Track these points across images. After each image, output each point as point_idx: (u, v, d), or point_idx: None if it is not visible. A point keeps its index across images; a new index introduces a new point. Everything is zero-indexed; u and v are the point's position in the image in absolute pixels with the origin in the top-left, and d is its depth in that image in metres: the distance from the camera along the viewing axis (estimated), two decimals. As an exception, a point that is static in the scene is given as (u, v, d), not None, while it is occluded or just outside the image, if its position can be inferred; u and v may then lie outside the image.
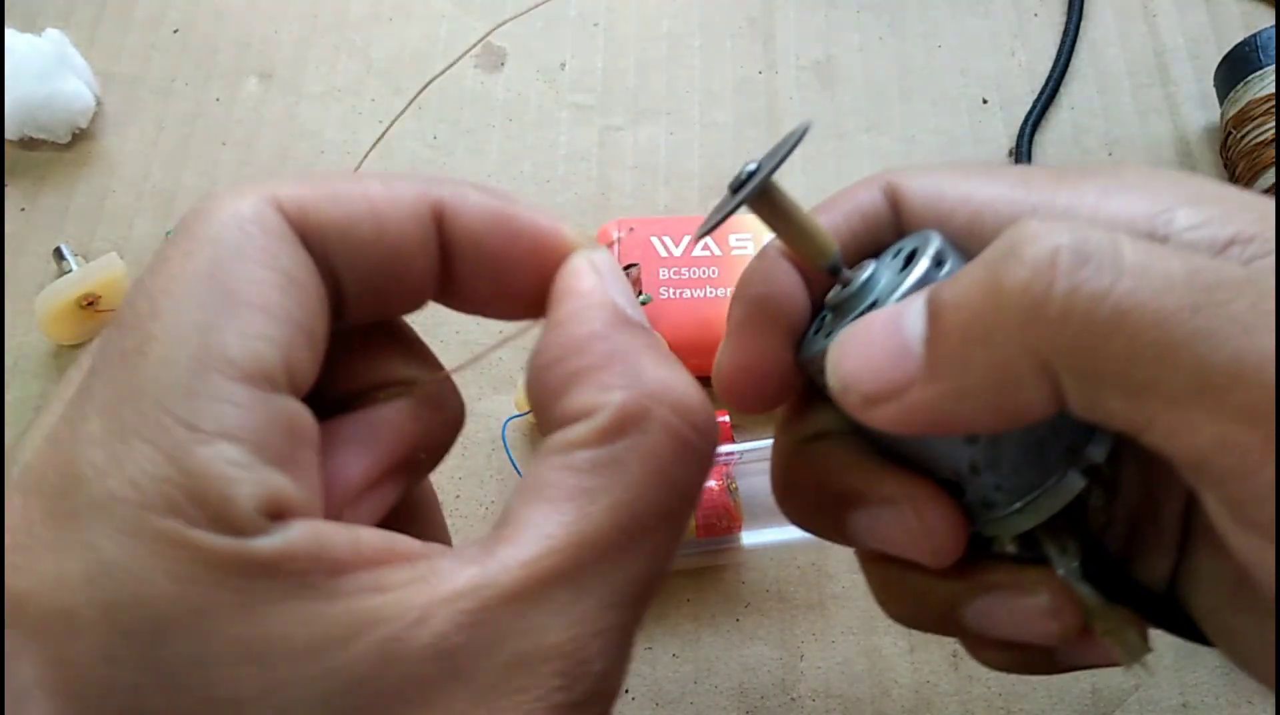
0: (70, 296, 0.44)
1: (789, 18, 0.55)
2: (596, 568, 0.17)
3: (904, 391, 0.18)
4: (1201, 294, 0.15)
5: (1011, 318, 0.16)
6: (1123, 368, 0.16)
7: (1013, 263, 0.17)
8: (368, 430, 0.20)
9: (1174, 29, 0.54)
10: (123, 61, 0.54)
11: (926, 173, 0.23)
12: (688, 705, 0.39)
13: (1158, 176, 0.21)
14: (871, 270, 0.22)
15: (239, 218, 0.18)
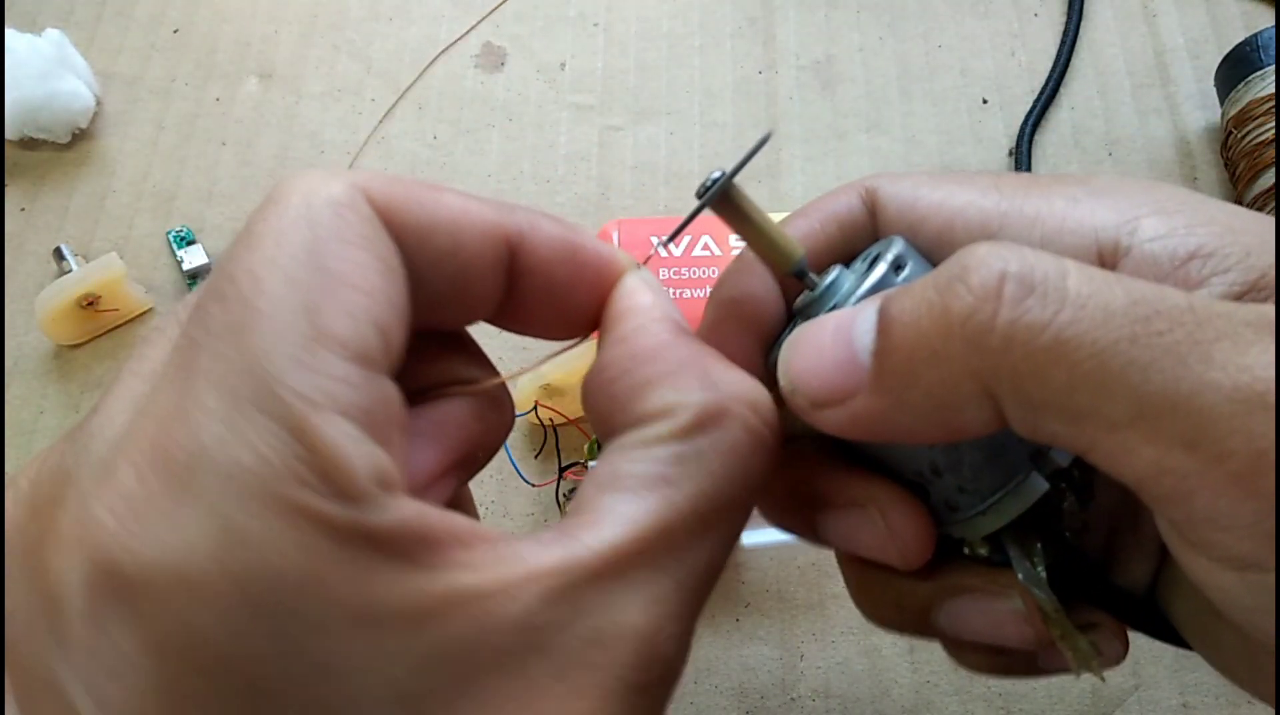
0: (70, 296, 0.44)
1: (789, 18, 0.55)
2: (676, 553, 0.18)
3: (849, 399, 0.19)
4: (1140, 325, 0.16)
5: (956, 343, 0.17)
6: (1062, 396, 0.16)
7: (960, 288, 0.17)
8: (438, 426, 0.21)
9: (1174, 29, 0.54)
10: (123, 61, 0.54)
11: (903, 179, 0.23)
12: (688, 705, 0.39)
13: (1127, 185, 0.21)
14: (836, 274, 0.22)
15: (333, 201, 0.18)
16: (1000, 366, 0.17)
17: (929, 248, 0.22)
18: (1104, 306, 0.16)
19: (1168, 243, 0.19)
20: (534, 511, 0.42)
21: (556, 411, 0.42)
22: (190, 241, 0.48)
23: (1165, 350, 0.16)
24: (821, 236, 0.23)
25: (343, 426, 0.16)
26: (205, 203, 0.50)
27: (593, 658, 0.17)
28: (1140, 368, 0.16)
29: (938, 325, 0.17)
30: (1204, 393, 0.15)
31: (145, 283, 0.47)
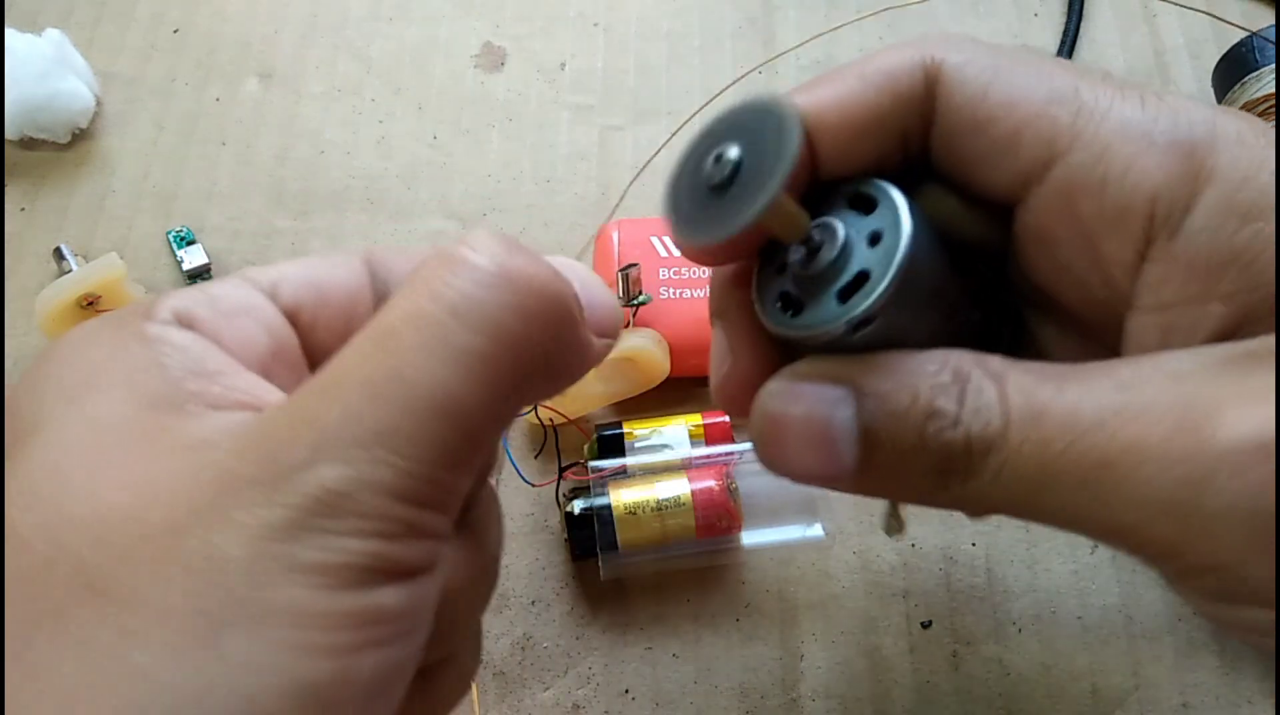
0: (70, 296, 0.44)
1: (789, 18, 0.55)
2: (334, 363, 0.18)
3: (830, 481, 0.21)
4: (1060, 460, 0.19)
5: (932, 480, 0.20)
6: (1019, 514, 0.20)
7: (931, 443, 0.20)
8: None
9: (1174, 29, 0.54)
10: (123, 61, 0.54)
11: (975, 60, 0.22)
12: (688, 705, 0.39)
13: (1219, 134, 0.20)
14: (839, 248, 0.21)
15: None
16: (971, 503, 0.20)
17: (991, 151, 0.21)
18: (1033, 454, 0.19)
19: (1215, 238, 0.19)
20: (534, 512, 0.43)
21: (556, 411, 0.42)
22: (190, 241, 0.48)
23: (1081, 478, 0.19)
24: (873, 107, 0.22)
25: (187, 293, 0.20)
26: (205, 203, 0.50)
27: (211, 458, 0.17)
28: (1067, 492, 0.19)
29: (917, 470, 0.20)
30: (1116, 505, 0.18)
31: (145, 283, 0.47)
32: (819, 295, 0.21)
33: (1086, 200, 0.21)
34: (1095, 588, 0.40)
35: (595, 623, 0.40)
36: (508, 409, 0.19)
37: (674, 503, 0.38)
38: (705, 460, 0.40)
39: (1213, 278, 0.19)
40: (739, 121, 0.20)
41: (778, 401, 0.21)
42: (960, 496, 0.20)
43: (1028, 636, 0.40)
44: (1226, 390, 0.18)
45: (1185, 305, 0.20)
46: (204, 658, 0.15)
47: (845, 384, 0.20)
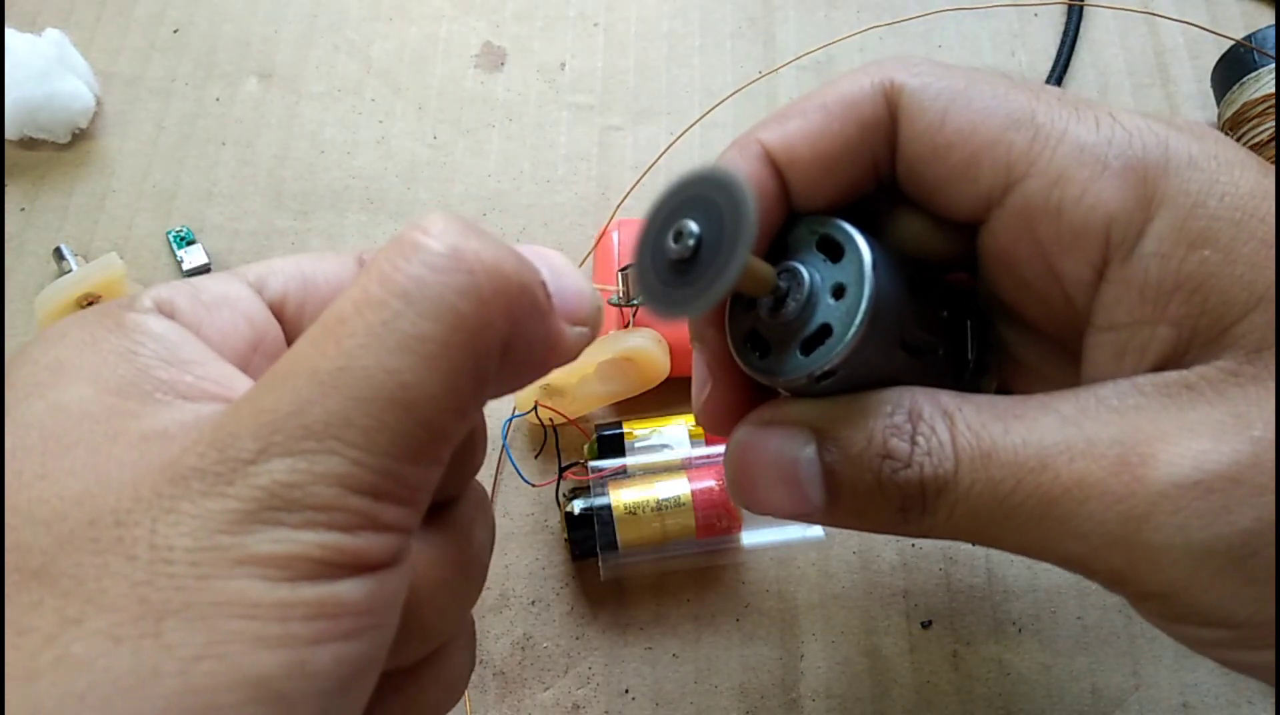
0: (70, 296, 0.44)
1: (789, 18, 0.55)
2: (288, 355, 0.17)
3: (807, 517, 0.23)
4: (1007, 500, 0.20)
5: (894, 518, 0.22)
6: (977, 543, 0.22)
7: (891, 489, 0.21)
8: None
9: (1174, 29, 0.54)
10: (123, 61, 0.54)
11: (932, 83, 0.22)
12: (688, 705, 0.39)
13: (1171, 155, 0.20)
14: (805, 298, 0.21)
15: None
16: (932, 535, 0.22)
17: (951, 177, 0.22)
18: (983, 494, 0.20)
19: (1165, 263, 0.20)
20: (534, 511, 0.43)
21: (556, 411, 0.42)
22: (190, 241, 0.48)
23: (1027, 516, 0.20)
24: (839, 138, 0.23)
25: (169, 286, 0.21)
26: (205, 203, 0.50)
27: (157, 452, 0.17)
28: (1014, 529, 0.20)
29: (879, 508, 0.21)
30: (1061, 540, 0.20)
31: (145, 282, 0.47)
32: (784, 344, 0.22)
33: (1044, 223, 0.21)
34: (1095, 588, 0.40)
35: (595, 623, 0.40)
36: (469, 399, 0.18)
37: (674, 502, 0.38)
38: (705, 460, 0.40)
39: (1161, 302, 0.20)
40: (691, 194, 0.20)
41: (746, 448, 0.23)
42: (921, 530, 0.22)
43: (1028, 636, 0.40)
44: (1164, 425, 0.19)
45: (1136, 327, 0.21)
46: (146, 646, 0.15)
47: (807, 429, 0.22)
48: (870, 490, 0.21)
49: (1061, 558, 0.20)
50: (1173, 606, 0.20)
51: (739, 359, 0.23)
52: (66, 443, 0.17)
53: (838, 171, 0.23)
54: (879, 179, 0.23)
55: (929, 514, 0.21)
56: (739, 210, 0.19)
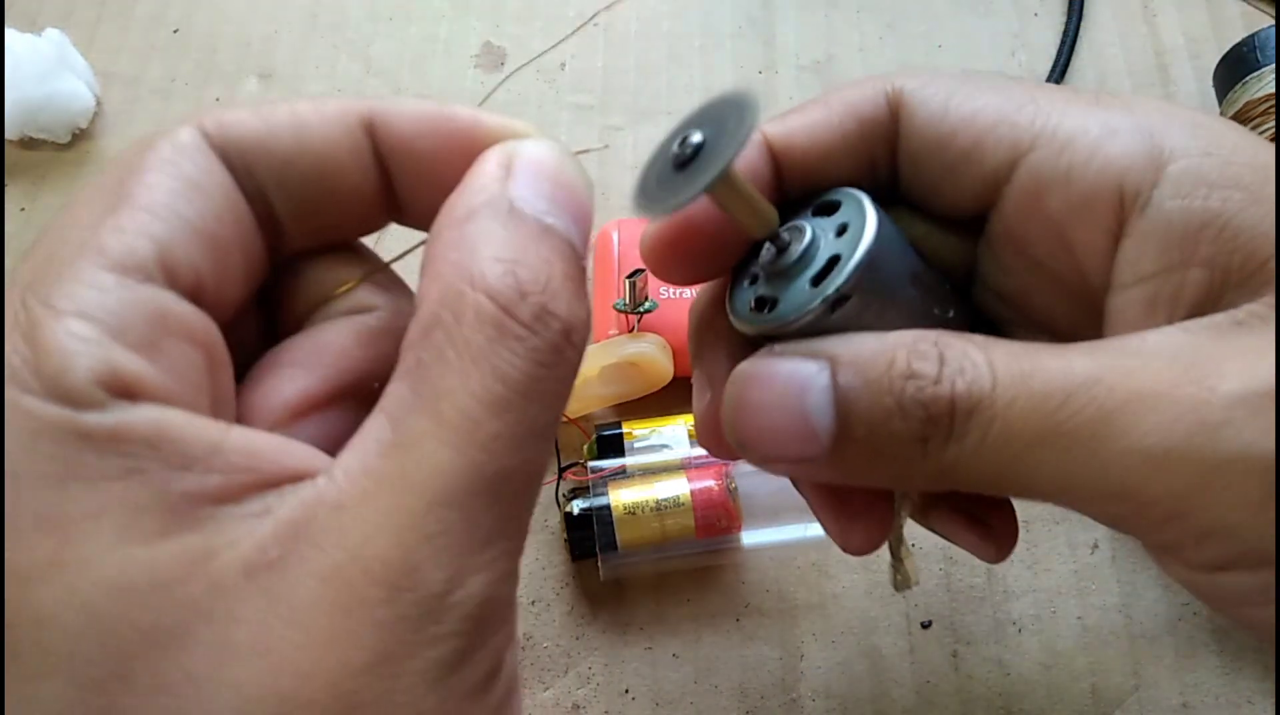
0: (70, 296, 0.44)
1: (789, 18, 0.55)
2: (418, 466, 0.16)
3: (804, 463, 0.20)
4: (1053, 416, 0.18)
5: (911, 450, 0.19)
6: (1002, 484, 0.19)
7: (915, 410, 0.19)
8: (312, 353, 0.20)
9: (1174, 29, 0.54)
10: (123, 61, 0.54)
11: (933, 83, 0.22)
12: (688, 705, 0.39)
13: (1171, 115, 0.21)
14: (807, 241, 0.21)
15: (155, 139, 0.18)
16: (953, 473, 0.19)
17: (956, 163, 0.22)
18: (1025, 410, 0.18)
19: (1186, 205, 0.19)
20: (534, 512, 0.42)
21: (557, 411, 0.42)
22: (190, 241, 0.48)
23: (1077, 433, 0.18)
24: (838, 132, 0.23)
25: (73, 326, 0.15)
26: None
27: (332, 597, 0.15)
28: (1060, 453, 0.18)
29: (895, 437, 0.19)
30: (1119, 459, 0.17)
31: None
32: (792, 285, 0.21)
33: (1054, 193, 0.21)
34: (1095, 588, 0.40)
35: (595, 623, 0.40)
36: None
37: (673, 503, 0.38)
38: (705, 460, 0.40)
39: (1189, 243, 0.19)
40: (707, 113, 0.21)
41: (749, 378, 0.21)
42: (941, 466, 0.19)
43: (1028, 636, 0.40)
44: (1224, 349, 0.18)
45: (1166, 274, 0.20)
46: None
47: (820, 357, 0.20)
48: (888, 415, 0.19)
49: (1104, 491, 0.18)
50: (1228, 546, 0.18)
51: (743, 322, 0.22)
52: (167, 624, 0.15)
53: (833, 163, 0.23)
54: (875, 180, 0.23)
55: (955, 440, 0.19)
56: (742, 119, 0.19)
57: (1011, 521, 0.26)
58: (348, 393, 0.20)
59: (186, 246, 0.17)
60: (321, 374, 0.20)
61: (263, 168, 0.19)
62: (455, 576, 0.16)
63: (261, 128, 0.19)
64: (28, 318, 0.16)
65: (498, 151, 0.19)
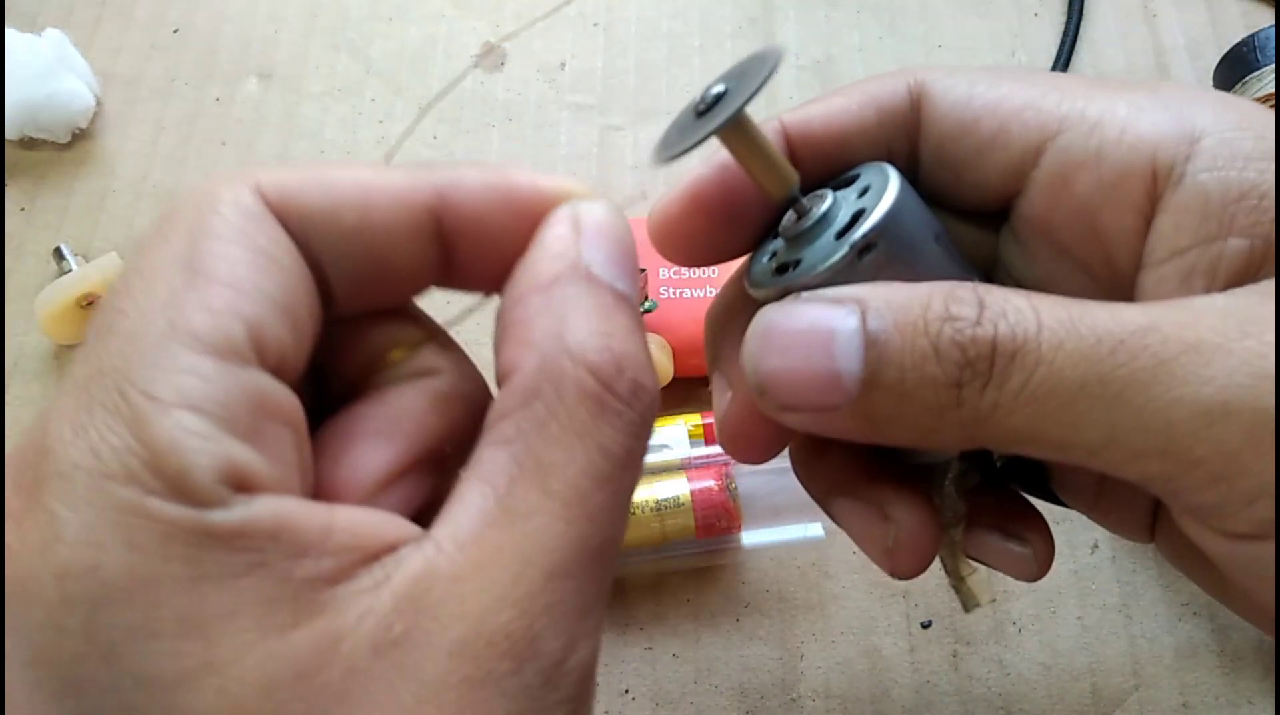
0: (70, 296, 0.44)
1: (789, 18, 0.55)
2: (533, 538, 0.17)
3: (825, 411, 0.20)
4: (1106, 362, 0.17)
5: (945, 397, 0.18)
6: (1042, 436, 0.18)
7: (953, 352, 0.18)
8: (388, 423, 0.20)
9: (1174, 29, 0.54)
10: (123, 61, 0.54)
11: (956, 74, 0.22)
12: (688, 705, 0.39)
13: (1196, 96, 0.20)
14: (830, 203, 0.21)
15: (216, 201, 0.18)
16: (987, 425, 0.18)
17: (982, 149, 0.22)
18: (1073, 355, 0.17)
19: (1222, 176, 0.19)
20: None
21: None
22: (190, 241, 0.48)
23: (1129, 381, 0.17)
24: (857, 119, 0.22)
25: (186, 420, 0.15)
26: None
27: (461, 670, 0.16)
28: (1108, 402, 0.17)
29: (928, 382, 0.18)
30: (1170, 410, 0.17)
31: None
32: (816, 243, 0.21)
33: (1083, 175, 0.21)
34: (1095, 588, 0.40)
35: (595, 623, 0.40)
36: None
37: (673, 503, 0.38)
38: (704, 460, 0.40)
39: (1228, 214, 0.19)
40: (735, 69, 0.21)
41: (774, 321, 0.20)
42: (977, 415, 0.18)
43: (1028, 636, 0.40)
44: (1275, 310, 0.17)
45: (1204, 245, 0.19)
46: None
47: (850, 302, 0.19)
48: (922, 358, 0.18)
49: (1157, 442, 0.17)
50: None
51: (764, 287, 0.22)
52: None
53: (850, 151, 0.23)
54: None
55: (995, 386, 0.18)
56: (761, 68, 0.19)
57: (1047, 536, 0.25)
58: (424, 459, 0.20)
59: (272, 323, 0.17)
60: (402, 443, 0.20)
61: (321, 240, 0.19)
62: (570, 644, 0.17)
63: (324, 200, 0.19)
64: (131, 411, 0.15)
65: (566, 215, 0.20)
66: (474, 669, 0.16)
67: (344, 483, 0.19)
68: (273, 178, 0.18)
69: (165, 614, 0.15)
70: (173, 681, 0.15)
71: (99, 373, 0.16)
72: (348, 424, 0.20)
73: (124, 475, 0.15)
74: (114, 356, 0.16)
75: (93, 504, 0.15)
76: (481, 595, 0.16)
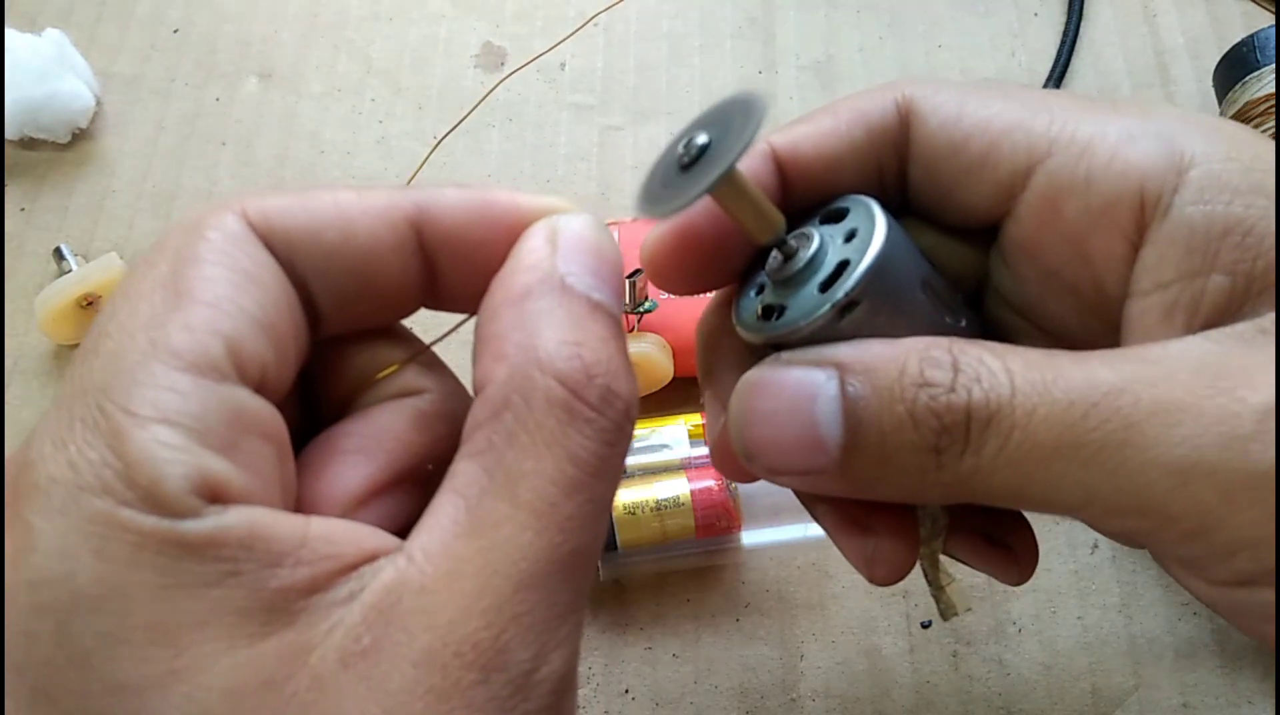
0: (70, 296, 0.44)
1: (789, 18, 0.55)
2: (501, 549, 0.17)
3: (812, 476, 0.20)
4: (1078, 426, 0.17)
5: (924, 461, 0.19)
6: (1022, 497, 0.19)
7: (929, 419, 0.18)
8: (370, 440, 0.20)
9: (1174, 29, 0.54)
10: (123, 61, 0.54)
11: (945, 90, 0.22)
12: (688, 705, 0.39)
13: (1189, 126, 0.20)
14: (816, 247, 0.21)
15: (201, 226, 0.18)
16: (969, 486, 0.19)
17: (971, 168, 0.21)
18: (1047, 420, 0.18)
19: (1208, 210, 0.19)
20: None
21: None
22: (190, 241, 0.48)
23: (1102, 444, 0.17)
24: (846, 140, 0.22)
25: (160, 434, 0.16)
26: (205, 203, 0.50)
27: (428, 681, 0.16)
28: (1083, 464, 0.17)
29: (908, 447, 0.19)
30: (1144, 472, 0.17)
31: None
32: (799, 292, 0.21)
33: (1072, 200, 0.21)
34: (1095, 588, 0.40)
35: (595, 623, 0.40)
36: None
37: (673, 503, 0.38)
38: (704, 460, 0.40)
39: (1211, 249, 0.19)
40: (714, 115, 0.20)
41: (756, 387, 0.21)
42: (956, 478, 0.19)
43: (1028, 636, 0.40)
44: (1252, 358, 0.18)
45: (1187, 280, 0.19)
46: None
47: (829, 365, 0.20)
48: (899, 425, 0.19)
49: (1128, 504, 0.17)
50: (1259, 556, 0.17)
51: (750, 331, 0.22)
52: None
53: (840, 172, 0.23)
54: (884, 190, 0.23)
55: (972, 451, 0.18)
56: (749, 119, 0.19)
57: (1031, 542, 0.25)
58: (406, 476, 0.21)
59: (252, 340, 0.18)
60: (383, 460, 0.20)
61: (305, 260, 0.19)
62: (540, 654, 0.17)
63: (307, 221, 0.19)
64: (109, 425, 0.16)
65: (542, 228, 0.20)
66: (440, 679, 0.16)
67: (324, 498, 0.19)
68: (257, 203, 0.19)
69: (134, 622, 0.15)
70: (141, 688, 0.15)
71: (81, 392, 0.16)
72: (330, 441, 0.20)
73: (99, 487, 0.15)
74: (97, 375, 0.16)
75: (67, 515, 0.15)
76: (449, 606, 0.16)
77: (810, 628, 0.40)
